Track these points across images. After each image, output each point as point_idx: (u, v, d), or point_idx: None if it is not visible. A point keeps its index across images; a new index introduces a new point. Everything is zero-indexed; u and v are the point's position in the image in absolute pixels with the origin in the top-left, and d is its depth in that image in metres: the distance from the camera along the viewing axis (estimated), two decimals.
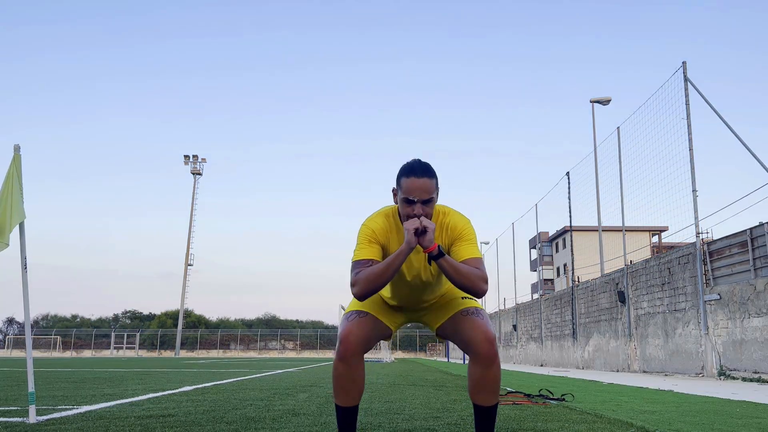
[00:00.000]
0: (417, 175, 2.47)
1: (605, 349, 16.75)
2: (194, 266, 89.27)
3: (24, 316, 3.85)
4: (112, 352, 67.22)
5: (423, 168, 2.50)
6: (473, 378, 2.57)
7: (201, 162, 62.26)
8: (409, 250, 2.40)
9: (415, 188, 2.45)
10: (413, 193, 2.46)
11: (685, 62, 12.52)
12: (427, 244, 2.39)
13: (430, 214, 2.52)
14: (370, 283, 2.43)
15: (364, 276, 2.44)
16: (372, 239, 2.57)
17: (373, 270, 2.44)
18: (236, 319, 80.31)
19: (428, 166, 2.52)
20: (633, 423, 3.74)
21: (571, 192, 20.14)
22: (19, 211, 3.66)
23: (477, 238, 2.63)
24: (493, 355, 2.51)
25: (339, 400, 2.59)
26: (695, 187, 11.95)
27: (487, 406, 2.58)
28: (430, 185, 2.47)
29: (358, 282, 2.44)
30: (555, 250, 53.21)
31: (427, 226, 2.38)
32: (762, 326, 10.01)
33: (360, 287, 2.44)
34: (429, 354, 68.51)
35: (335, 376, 2.55)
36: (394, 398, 5.63)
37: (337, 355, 2.54)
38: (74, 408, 4.64)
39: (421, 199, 2.46)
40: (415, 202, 2.46)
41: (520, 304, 27.75)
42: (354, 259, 2.54)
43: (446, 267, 2.41)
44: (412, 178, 2.47)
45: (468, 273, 2.42)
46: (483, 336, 2.51)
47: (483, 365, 2.52)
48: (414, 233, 2.39)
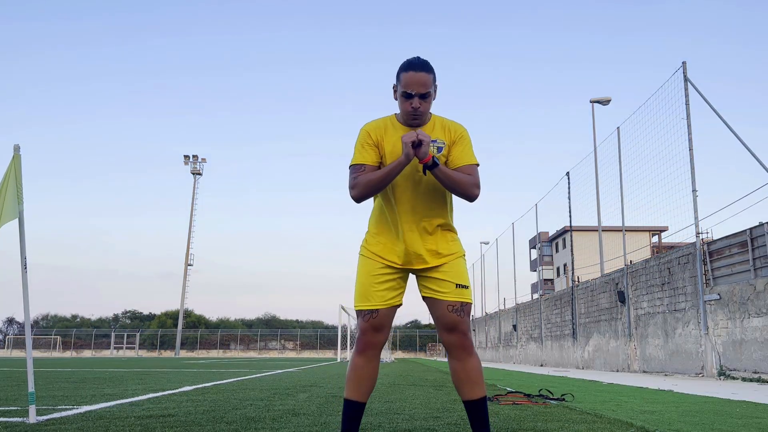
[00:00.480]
0: (415, 69, 2.55)
1: (605, 349, 16.75)
2: (194, 266, 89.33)
3: (24, 316, 3.85)
4: (112, 352, 67.22)
5: (421, 63, 2.57)
6: (454, 372, 2.67)
7: (201, 162, 62.30)
8: (406, 161, 2.48)
9: (414, 82, 2.54)
10: (411, 86, 2.54)
11: (685, 62, 12.53)
12: (422, 155, 2.46)
13: (428, 108, 2.61)
14: (367, 187, 2.54)
15: (362, 181, 2.55)
16: (366, 142, 2.66)
17: (371, 177, 2.54)
18: (236, 319, 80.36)
19: (427, 61, 2.60)
20: (633, 423, 3.74)
21: (571, 192, 20.15)
22: (10, 211, 3.65)
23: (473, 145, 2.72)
24: (467, 347, 2.62)
25: (350, 393, 2.62)
26: (695, 187, 11.95)
27: (473, 399, 2.62)
28: (427, 79, 2.55)
29: (357, 186, 2.56)
30: (555, 250, 53.21)
31: (423, 139, 2.45)
32: (762, 326, 10.01)
33: (358, 191, 2.55)
34: (429, 354, 68.53)
35: (352, 368, 2.62)
36: (394, 398, 5.63)
37: (357, 348, 2.63)
38: (74, 408, 4.64)
39: (419, 92, 2.55)
40: (413, 96, 2.55)
41: (520, 304, 27.75)
42: (351, 163, 2.65)
43: (441, 176, 2.52)
44: (410, 72, 2.55)
45: (460, 180, 2.54)
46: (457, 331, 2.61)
47: (458, 358, 2.63)
48: (411, 145, 2.45)
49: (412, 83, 2.54)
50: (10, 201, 3.66)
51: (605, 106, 19.17)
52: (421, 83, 2.55)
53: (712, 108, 11.79)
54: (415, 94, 2.55)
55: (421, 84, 2.54)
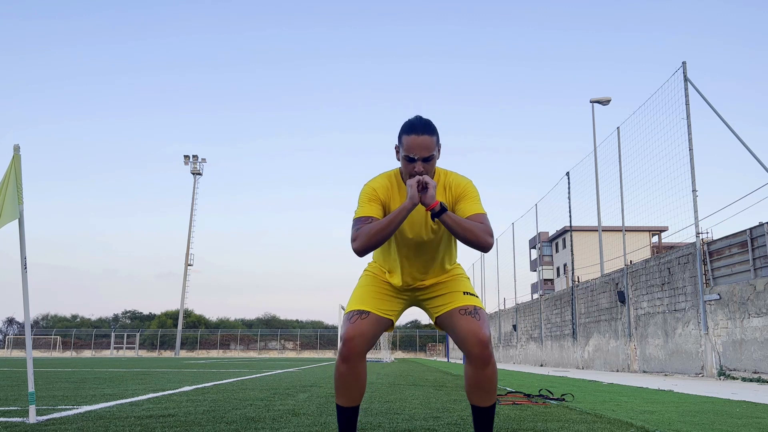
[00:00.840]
0: (417, 133, 2.46)
1: (605, 349, 16.75)
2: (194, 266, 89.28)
3: (24, 316, 3.85)
4: (112, 352, 67.20)
5: (423, 125, 2.48)
6: (468, 378, 2.57)
7: (201, 162, 62.31)
8: (411, 206, 2.39)
9: (416, 146, 2.45)
10: (414, 150, 2.45)
11: (685, 62, 12.53)
12: (428, 201, 2.38)
13: (432, 171, 2.52)
14: (370, 238, 2.41)
15: (365, 231, 2.43)
16: (373, 198, 2.57)
17: (374, 225, 2.43)
18: (236, 319, 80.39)
19: (429, 122, 2.51)
20: (633, 423, 3.74)
21: (571, 192, 20.15)
22: (11, 211, 3.65)
23: (480, 196, 2.62)
24: (487, 356, 2.49)
25: (341, 400, 2.59)
26: (695, 187, 11.95)
27: (483, 406, 2.58)
28: (430, 142, 2.46)
29: (359, 237, 2.43)
30: (555, 250, 53.20)
31: (429, 183, 2.38)
32: (762, 326, 10.01)
33: (360, 242, 2.43)
34: (429, 354, 68.50)
35: (337, 376, 2.55)
36: (394, 398, 5.63)
37: (340, 355, 2.53)
38: (74, 408, 4.64)
39: (422, 156, 2.46)
40: (416, 160, 2.46)
41: (520, 304, 27.75)
42: (355, 217, 2.54)
43: (450, 223, 2.40)
44: (412, 135, 2.46)
45: (472, 227, 2.41)
46: (476, 338, 2.49)
47: (477, 366, 2.51)
48: (417, 188, 2.38)
49: (414, 147, 2.45)
50: (10, 201, 3.66)
51: (605, 106, 19.17)
52: (424, 147, 2.45)
53: (712, 108, 11.79)
54: (418, 158, 2.46)
55: (423, 148, 2.45)
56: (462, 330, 2.53)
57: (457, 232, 2.42)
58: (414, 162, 2.47)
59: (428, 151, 2.46)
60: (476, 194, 2.60)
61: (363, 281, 2.75)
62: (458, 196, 2.58)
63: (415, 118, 2.53)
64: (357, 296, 2.68)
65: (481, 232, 2.42)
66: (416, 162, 2.46)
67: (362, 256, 2.48)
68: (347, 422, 2.60)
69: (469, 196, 2.57)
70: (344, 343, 2.52)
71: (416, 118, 2.52)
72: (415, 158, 2.46)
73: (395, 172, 2.66)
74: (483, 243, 2.42)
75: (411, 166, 2.48)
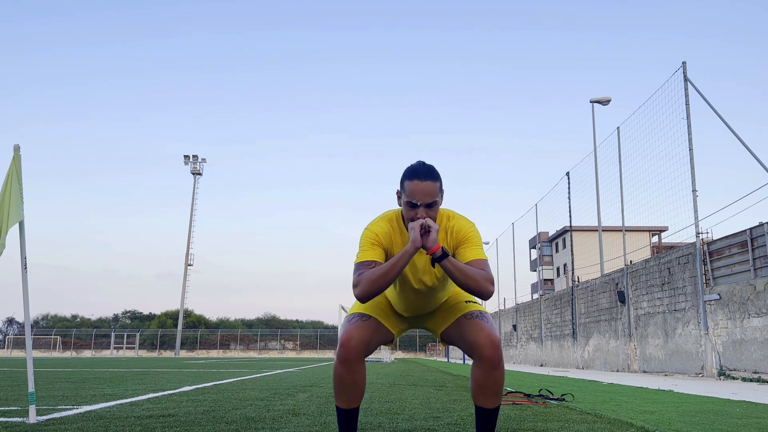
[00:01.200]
0: (420, 179, 2.44)
1: (605, 349, 16.75)
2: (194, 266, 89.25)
3: (24, 316, 3.85)
4: (112, 352, 67.20)
5: (426, 171, 2.47)
6: (477, 380, 2.55)
7: (201, 162, 62.31)
8: (414, 250, 2.38)
9: (419, 192, 2.43)
10: (416, 196, 2.44)
11: (685, 62, 12.53)
12: (430, 245, 2.37)
13: (434, 217, 2.49)
14: (373, 284, 2.39)
15: (367, 277, 2.40)
16: (375, 242, 2.55)
17: (376, 271, 2.41)
18: (236, 319, 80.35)
19: (432, 168, 2.50)
20: (633, 423, 3.74)
21: (571, 192, 20.15)
22: (16, 212, 3.66)
23: (482, 241, 2.61)
24: (498, 358, 2.48)
25: (340, 402, 2.59)
26: (695, 187, 11.95)
27: (489, 408, 2.57)
28: (433, 189, 2.45)
29: (360, 282, 2.41)
30: (555, 250, 53.20)
31: (431, 227, 2.37)
32: (762, 326, 10.01)
33: (362, 288, 2.40)
34: (429, 354, 68.52)
35: (336, 378, 2.54)
36: (394, 398, 5.63)
37: (338, 358, 2.51)
38: (74, 408, 4.64)
39: (425, 202, 2.44)
40: (419, 206, 2.45)
41: (520, 304, 27.75)
42: (357, 261, 2.51)
43: (450, 268, 2.39)
44: (415, 181, 2.44)
45: (473, 274, 2.39)
46: (488, 340, 2.49)
47: (487, 369, 2.50)
48: (419, 231, 2.37)
49: (417, 193, 2.43)
50: (15, 203, 3.66)
51: (605, 106, 19.17)
52: (427, 193, 2.44)
53: (712, 108, 11.79)
54: (421, 205, 2.44)
55: (426, 194, 2.44)
56: (472, 334, 2.53)
57: (457, 279, 2.40)
58: (416, 208, 2.45)
59: (431, 198, 2.45)
60: (478, 239, 2.58)
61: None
62: (460, 241, 2.57)
63: (418, 163, 2.51)
64: (359, 305, 2.69)
65: (482, 280, 2.40)
66: (418, 208, 2.45)
67: (365, 302, 2.46)
68: (347, 423, 2.61)
69: (470, 241, 2.55)
70: (341, 345, 2.51)
71: (419, 164, 2.51)
72: (418, 204, 2.44)
73: (396, 215, 2.64)
74: (484, 291, 2.41)
75: (413, 212, 2.46)
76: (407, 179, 2.47)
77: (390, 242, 2.58)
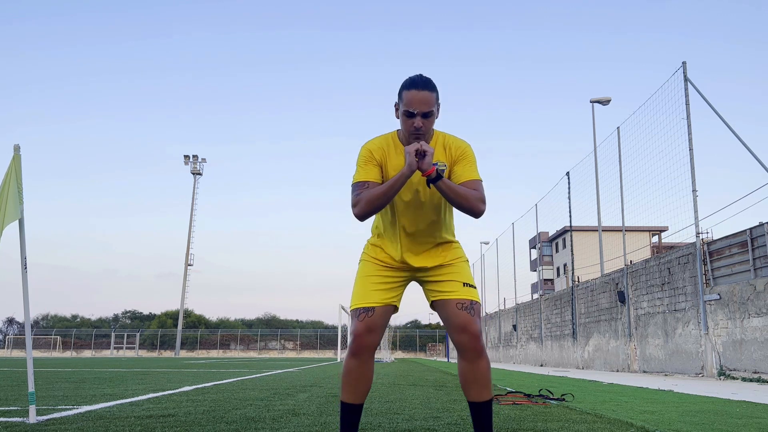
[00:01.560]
0: (418, 88, 2.48)
1: (605, 349, 16.75)
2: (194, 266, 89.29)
3: (24, 316, 3.85)
4: (112, 352, 67.20)
5: (424, 81, 2.51)
6: (463, 373, 2.61)
7: (201, 162, 62.31)
8: (410, 172, 2.43)
9: (416, 100, 2.47)
10: (414, 105, 2.47)
11: (685, 62, 12.53)
12: (425, 167, 2.41)
13: (430, 127, 2.54)
14: (370, 204, 2.47)
15: (365, 197, 2.48)
16: (369, 159, 2.60)
17: (373, 192, 2.48)
18: (236, 319, 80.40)
19: (429, 80, 2.53)
20: (633, 423, 3.74)
21: (571, 192, 20.15)
22: (13, 211, 3.65)
23: (476, 161, 2.64)
24: (479, 348, 2.55)
25: (347, 396, 2.61)
26: (695, 187, 11.95)
27: (479, 401, 2.59)
28: (430, 98, 2.49)
29: (359, 202, 2.49)
30: (555, 250, 53.21)
31: (426, 150, 2.41)
32: (762, 326, 10.01)
33: (361, 207, 2.48)
34: (429, 354, 68.50)
35: (346, 371, 2.59)
36: (394, 398, 5.63)
37: (350, 351, 2.58)
38: (74, 408, 4.64)
39: (422, 111, 2.48)
40: (416, 115, 2.48)
41: (520, 304, 27.75)
42: (353, 181, 2.58)
43: (445, 189, 2.45)
44: (413, 90, 2.48)
45: (465, 194, 2.46)
46: (468, 333, 2.54)
47: (469, 359, 2.57)
48: (414, 155, 2.41)
49: (415, 102, 2.47)
50: (12, 202, 3.66)
51: (605, 106, 19.17)
52: (424, 102, 2.48)
53: (712, 108, 11.79)
54: (418, 113, 2.48)
55: (423, 102, 2.48)
56: (454, 322, 2.59)
57: (451, 198, 2.47)
58: (413, 117, 2.49)
59: (428, 107, 2.49)
60: (473, 159, 2.63)
61: (363, 270, 2.75)
62: (457, 158, 2.61)
63: (416, 75, 2.55)
64: (360, 290, 2.69)
65: (474, 200, 2.48)
66: (416, 117, 2.49)
67: (363, 220, 2.55)
68: (350, 420, 2.61)
69: (466, 159, 2.61)
70: (354, 339, 2.57)
71: (417, 75, 2.55)
72: (415, 113, 2.48)
73: (393, 134, 2.69)
74: (476, 210, 2.49)
75: (410, 122, 2.50)
76: (405, 89, 2.51)
77: (384, 156, 2.63)
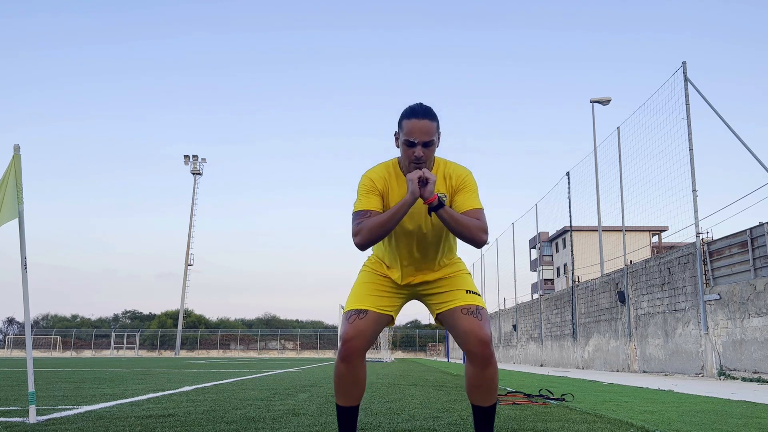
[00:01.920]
0: (418, 117, 2.46)
1: (605, 349, 16.75)
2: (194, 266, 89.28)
3: (24, 316, 3.85)
4: (112, 352, 67.19)
5: (424, 110, 2.49)
6: (469, 378, 2.57)
7: (201, 162, 62.31)
8: (412, 200, 2.40)
9: (416, 129, 2.45)
10: (414, 134, 2.45)
11: (685, 62, 12.52)
12: (427, 195, 2.39)
13: (431, 156, 2.51)
14: (371, 233, 2.43)
15: (366, 226, 2.44)
16: (371, 189, 2.57)
17: (375, 220, 2.44)
18: (236, 319, 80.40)
19: (430, 108, 2.52)
20: (633, 423, 3.74)
21: (571, 192, 20.14)
22: (10, 211, 3.65)
23: (478, 189, 2.62)
24: (488, 355, 2.49)
25: (340, 400, 2.59)
26: (695, 187, 11.95)
27: (484, 406, 2.57)
28: (431, 127, 2.47)
29: (360, 231, 2.45)
30: (555, 250, 53.20)
31: (429, 178, 2.38)
32: (762, 326, 10.01)
33: (362, 237, 2.44)
34: (429, 354, 68.49)
35: (337, 376, 2.55)
36: (394, 398, 5.63)
37: (339, 355, 2.52)
38: (74, 408, 4.64)
39: (422, 140, 2.45)
40: (416, 144, 2.46)
41: (520, 304, 27.74)
42: (354, 210, 2.54)
43: (446, 218, 2.42)
44: (413, 119, 2.46)
45: (468, 223, 2.43)
46: (477, 338, 2.49)
47: (477, 366, 2.52)
48: (417, 182, 2.39)
49: (415, 131, 2.45)
50: (9, 201, 3.66)
51: (605, 106, 19.17)
52: (424, 131, 2.45)
53: (712, 108, 11.79)
54: (418, 143, 2.46)
55: (424, 132, 2.45)
56: (463, 329, 2.53)
57: (452, 228, 2.44)
58: (414, 146, 2.47)
59: (428, 136, 2.46)
60: (475, 187, 2.61)
61: (361, 278, 2.74)
62: (457, 187, 2.59)
63: (416, 104, 2.54)
64: (355, 294, 2.67)
65: (476, 229, 2.44)
66: (416, 146, 2.46)
67: (364, 250, 2.51)
68: (347, 422, 2.60)
69: (467, 188, 2.58)
70: (343, 344, 2.52)
71: (417, 104, 2.53)
72: (415, 142, 2.46)
73: (393, 162, 2.66)
74: (477, 240, 2.45)
75: (411, 151, 2.48)
76: (405, 118, 2.50)
77: (386, 186, 2.60)
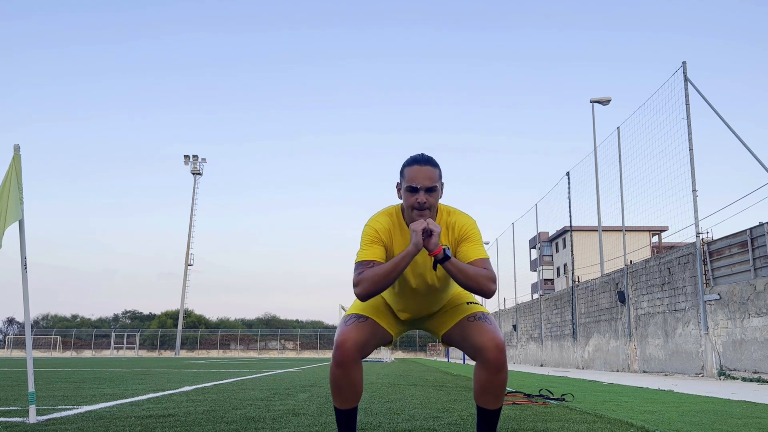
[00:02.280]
0: (420, 164, 2.46)
1: (605, 349, 16.75)
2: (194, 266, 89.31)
3: (24, 316, 3.85)
4: (112, 352, 67.19)
5: (426, 158, 2.50)
6: (480, 382, 2.52)
7: (201, 162, 62.28)
8: (416, 251, 2.35)
9: (419, 176, 2.44)
10: (417, 180, 2.44)
11: (685, 62, 12.53)
12: (432, 247, 2.34)
13: (434, 203, 2.49)
14: (373, 284, 2.37)
15: (368, 276, 2.38)
16: (375, 239, 2.52)
17: (377, 270, 2.38)
18: (236, 319, 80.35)
19: (431, 157, 2.52)
20: (633, 423, 3.74)
21: (571, 192, 20.15)
22: (14, 212, 3.65)
23: (482, 239, 2.60)
24: (503, 360, 2.45)
25: (337, 402, 2.58)
26: (695, 187, 11.95)
27: (492, 409, 2.56)
28: (433, 173, 2.46)
29: (361, 282, 2.39)
30: (555, 250, 53.20)
31: (433, 229, 2.34)
32: (762, 326, 10.01)
33: (363, 287, 2.38)
34: (429, 354, 68.50)
35: (332, 380, 2.51)
36: (394, 398, 5.63)
37: (333, 359, 2.48)
38: (74, 408, 4.64)
39: (425, 186, 2.43)
40: (419, 190, 2.44)
41: (520, 304, 27.75)
42: (357, 260, 2.49)
43: (452, 270, 2.37)
44: (415, 166, 2.46)
45: (475, 274, 2.38)
46: (493, 343, 2.45)
47: (492, 371, 2.47)
48: (421, 233, 2.34)
49: (418, 177, 2.44)
50: (13, 202, 3.66)
51: (605, 106, 19.17)
52: (427, 177, 2.44)
53: (712, 108, 11.79)
54: (421, 188, 2.43)
55: (426, 177, 2.44)
56: (476, 337, 2.49)
57: (459, 279, 2.38)
58: (417, 192, 2.44)
59: (431, 182, 2.44)
60: (479, 237, 2.56)
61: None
62: (461, 238, 2.55)
63: (418, 153, 2.53)
64: (358, 303, 2.66)
65: (484, 279, 2.39)
66: (419, 192, 2.43)
67: (365, 301, 2.45)
68: (346, 423, 2.60)
69: (471, 238, 2.54)
70: (336, 347, 2.47)
71: (419, 153, 2.53)
72: (418, 188, 2.43)
73: (396, 210, 2.62)
74: (486, 290, 2.39)
75: (413, 198, 2.45)
76: (407, 166, 2.50)
77: (390, 238, 2.56)
